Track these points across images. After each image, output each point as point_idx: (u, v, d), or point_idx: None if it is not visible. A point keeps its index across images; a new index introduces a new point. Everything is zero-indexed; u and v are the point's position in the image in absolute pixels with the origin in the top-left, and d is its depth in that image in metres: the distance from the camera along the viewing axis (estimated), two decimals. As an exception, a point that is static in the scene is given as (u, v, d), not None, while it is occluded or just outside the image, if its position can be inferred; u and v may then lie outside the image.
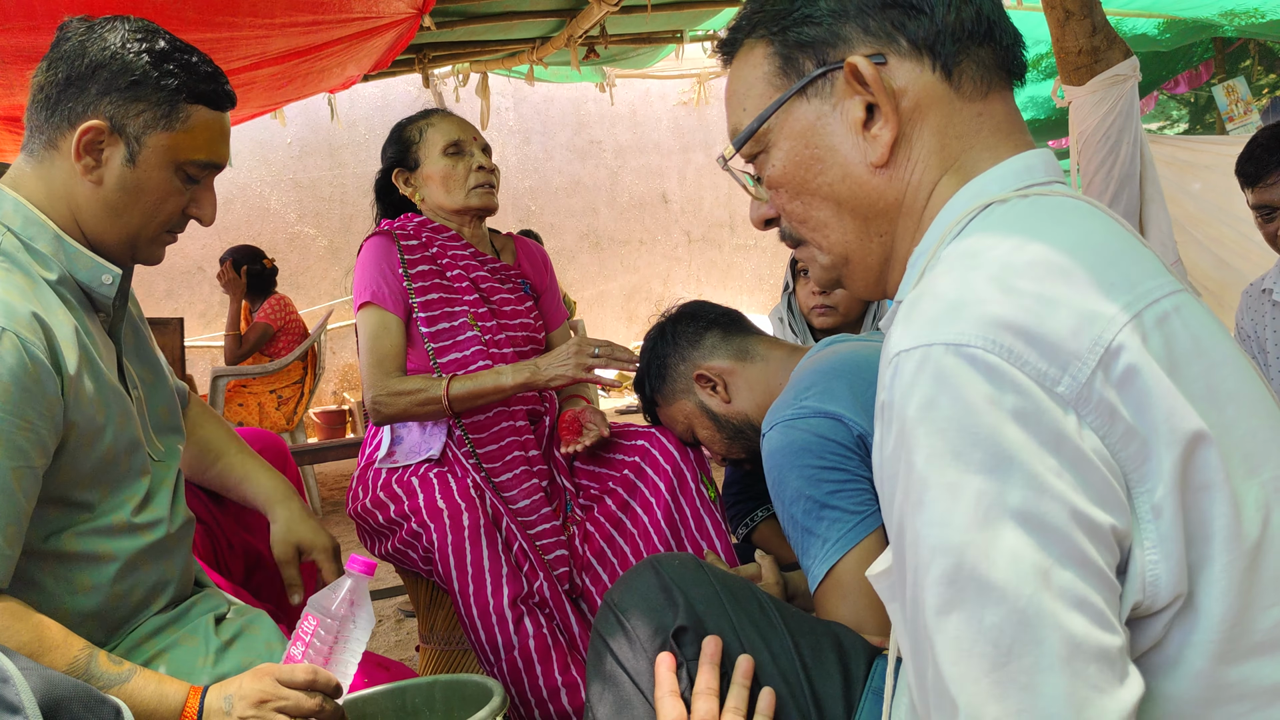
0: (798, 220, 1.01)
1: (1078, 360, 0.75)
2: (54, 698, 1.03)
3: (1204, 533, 0.77)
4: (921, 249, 0.94)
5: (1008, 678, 0.72)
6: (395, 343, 2.23)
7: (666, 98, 9.11)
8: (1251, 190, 2.68)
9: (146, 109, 1.42)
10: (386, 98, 8.22)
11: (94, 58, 1.40)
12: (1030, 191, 0.89)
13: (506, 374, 2.15)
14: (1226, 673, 0.77)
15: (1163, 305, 0.80)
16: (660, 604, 1.23)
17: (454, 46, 5.04)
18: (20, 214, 1.40)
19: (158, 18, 2.65)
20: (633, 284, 9.12)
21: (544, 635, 1.96)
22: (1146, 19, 5.62)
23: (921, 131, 0.93)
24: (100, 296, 1.46)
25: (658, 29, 5.20)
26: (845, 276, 1.03)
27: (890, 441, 0.79)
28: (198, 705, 1.30)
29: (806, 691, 1.21)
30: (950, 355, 0.75)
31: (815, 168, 0.96)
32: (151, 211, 1.46)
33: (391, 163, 2.40)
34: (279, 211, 8.04)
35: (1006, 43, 0.96)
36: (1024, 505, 0.72)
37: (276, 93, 4.19)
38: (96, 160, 1.41)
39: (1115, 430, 0.75)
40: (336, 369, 8.13)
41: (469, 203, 2.32)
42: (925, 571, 0.75)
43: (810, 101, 0.95)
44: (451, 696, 1.48)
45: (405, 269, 2.26)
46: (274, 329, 5.36)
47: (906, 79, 0.92)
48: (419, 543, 2.00)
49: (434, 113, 2.42)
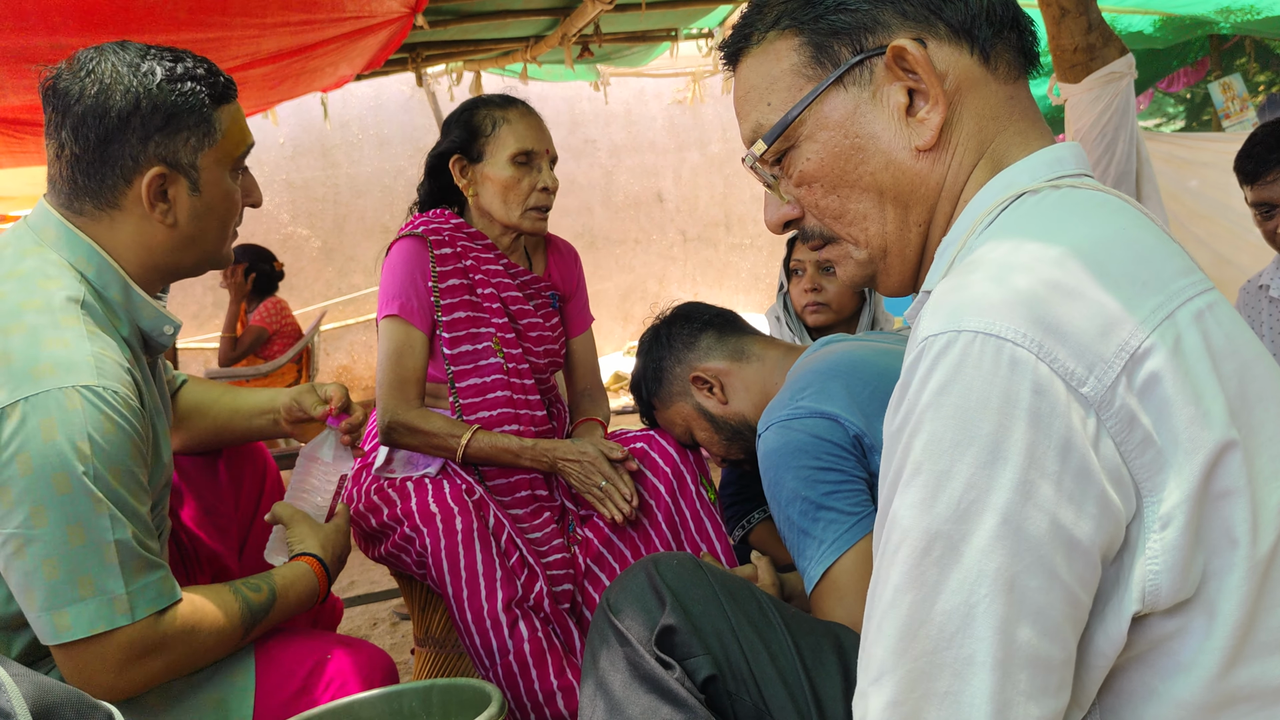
0: (832, 216, 0.99)
1: (1103, 364, 0.74)
2: (46, 704, 1.01)
3: (1226, 540, 0.76)
4: (951, 238, 0.93)
5: (941, 663, 0.74)
6: (419, 364, 2.15)
7: (661, 96, 9.09)
8: (1250, 188, 2.67)
9: (190, 135, 1.43)
10: (380, 97, 8.20)
11: (119, 108, 1.38)
12: (1062, 183, 0.89)
13: (527, 455, 2.10)
14: (1236, 674, 0.77)
15: (1196, 303, 0.80)
16: (652, 604, 1.23)
17: (447, 45, 5.02)
18: (95, 261, 1.43)
19: (150, 18, 2.64)
20: (628, 284, 9.11)
21: (539, 639, 1.95)
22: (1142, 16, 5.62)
23: (962, 114, 0.93)
24: (158, 345, 1.52)
25: (652, 27, 5.18)
26: (881, 271, 1.01)
27: (897, 420, 0.80)
28: (324, 570, 1.61)
29: (807, 691, 1.20)
30: (978, 343, 0.75)
31: (857, 157, 0.95)
32: (224, 220, 1.52)
33: (453, 146, 2.23)
34: (272, 212, 8.02)
35: (1026, 30, 0.97)
36: (1008, 507, 0.73)
37: (269, 92, 4.17)
38: (166, 203, 1.43)
39: (1133, 438, 0.74)
40: (330, 370, 8.11)
41: (521, 224, 2.20)
42: (896, 550, 0.76)
43: (847, 90, 0.94)
44: (448, 701, 1.47)
45: (435, 281, 2.17)
46: (269, 333, 5.35)
47: (947, 62, 0.92)
48: (413, 546, 1.99)
49: (514, 106, 2.24)
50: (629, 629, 1.22)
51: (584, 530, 2.17)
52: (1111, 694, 0.81)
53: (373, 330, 7.98)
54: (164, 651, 1.34)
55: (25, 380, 1.28)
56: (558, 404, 2.39)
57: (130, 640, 1.31)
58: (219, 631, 1.41)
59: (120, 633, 1.30)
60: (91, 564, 1.27)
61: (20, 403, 1.27)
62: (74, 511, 1.26)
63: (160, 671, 1.35)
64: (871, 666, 0.77)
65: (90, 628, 1.28)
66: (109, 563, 1.28)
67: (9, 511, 1.26)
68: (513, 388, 2.21)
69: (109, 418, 1.30)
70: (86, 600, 1.27)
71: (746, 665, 1.23)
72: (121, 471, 1.31)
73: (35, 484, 1.25)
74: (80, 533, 1.27)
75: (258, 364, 5.30)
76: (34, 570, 1.27)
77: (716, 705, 1.21)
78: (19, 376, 1.28)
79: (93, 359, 1.32)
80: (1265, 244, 2.82)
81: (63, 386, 1.28)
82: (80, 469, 1.27)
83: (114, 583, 1.29)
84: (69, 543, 1.26)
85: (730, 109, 7.37)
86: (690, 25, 5.34)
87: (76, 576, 1.27)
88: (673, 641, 1.21)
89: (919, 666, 0.74)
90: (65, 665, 1.31)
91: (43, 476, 1.25)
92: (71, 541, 1.26)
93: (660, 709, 1.16)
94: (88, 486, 1.27)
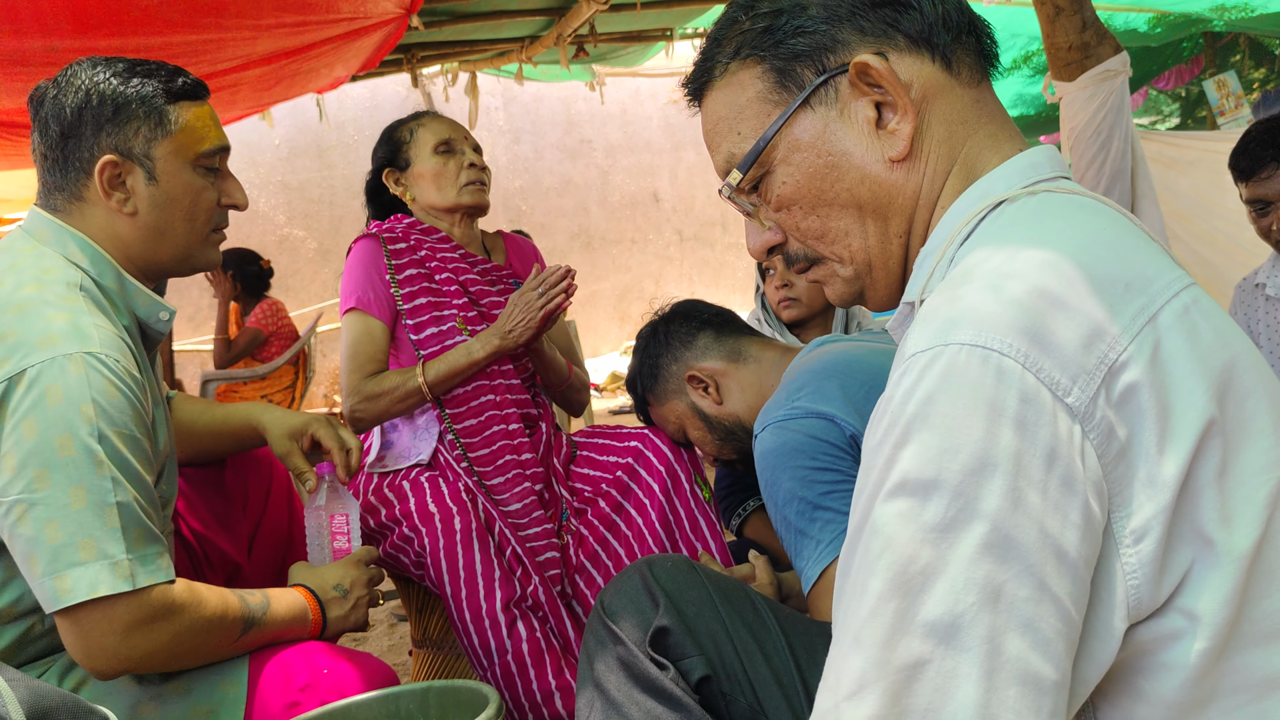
0: (814, 236, 0.99)
1: (1086, 375, 0.74)
2: (41, 708, 1.01)
3: (1203, 541, 0.76)
4: (929, 248, 0.93)
5: (925, 676, 0.71)
6: (378, 348, 2.21)
7: (657, 96, 9.09)
8: (1245, 185, 2.67)
9: (140, 125, 1.48)
10: (375, 98, 8.20)
11: (74, 105, 1.46)
12: (1038, 188, 0.89)
13: (475, 346, 2.16)
14: (1222, 667, 0.76)
15: (1181, 299, 0.80)
16: (647, 606, 1.23)
17: (442, 46, 5.02)
18: (87, 252, 1.48)
19: (144, 20, 2.64)
20: (625, 284, 9.10)
21: (537, 639, 1.95)
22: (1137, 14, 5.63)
23: (931, 121, 0.93)
24: (155, 333, 1.54)
25: (647, 27, 5.19)
26: (868, 286, 1.01)
27: (879, 432, 0.78)
28: (316, 601, 1.57)
29: (800, 692, 1.20)
30: (964, 354, 0.74)
31: (831, 175, 0.95)
32: (190, 214, 1.54)
33: (382, 163, 2.39)
34: (268, 214, 8.01)
35: (984, 32, 0.98)
36: (996, 515, 0.72)
37: (264, 94, 4.17)
38: (124, 192, 1.48)
39: (1110, 450, 0.74)
40: (327, 372, 8.10)
41: (460, 200, 2.30)
42: (878, 558, 0.74)
43: (815, 110, 0.95)
44: (446, 703, 1.47)
45: (392, 274, 2.24)
46: (265, 334, 5.34)
47: (910, 72, 0.93)
48: (410, 547, 1.99)
49: (424, 114, 2.41)
50: (623, 630, 1.22)
51: (577, 523, 2.17)
52: (1097, 693, 0.80)
53: (369, 331, 7.97)
54: (167, 621, 1.35)
55: (31, 349, 1.31)
56: (541, 396, 2.40)
57: (131, 609, 1.31)
58: (221, 616, 1.42)
59: (121, 600, 1.30)
60: (94, 527, 1.29)
61: (27, 370, 1.30)
62: (76, 474, 1.29)
63: (164, 643, 1.35)
64: (846, 680, 0.74)
65: (91, 590, 1.28)
66: (111, 526, 1.30)
67: (13, 478, 1.29)
68: (496, 390, 2.23)
69: (112, 383, 1.33)
70: (88, 564, 1.28)
71: (741, 666, 1.23)
72: (124, 436, 1.34)
73: (39, 448, 1.28)
74: (82, 494, 1.29)
75: (254, 366, 5.29)
76: (37, 535, 1.28)
77: (711, 706, 1.21)
78: (25, 346, 1.32)
79: (94, 329, 1.36)
80: (1256, 244, 2.82)
81: (68, 353, 1.31)
82: (84, 431, 1.29)
83: (115, 547, 1.30)
84: (71, 505, 1.28)
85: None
86: (685, 25, 5.35)
87: (78, 540, 1.28)
88: (667, 643, 1.21)
89: (900, 679, 0.72)
90: (68, 633, 1.32)
91: (47, 440, 1.28)
92: (74, 504, 1.28)
93: (657, 709, 1.16)
94: (91, 448, 1.29)
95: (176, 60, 1.59)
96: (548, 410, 2.38)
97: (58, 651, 1.44)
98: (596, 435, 2.31)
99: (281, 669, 1.49)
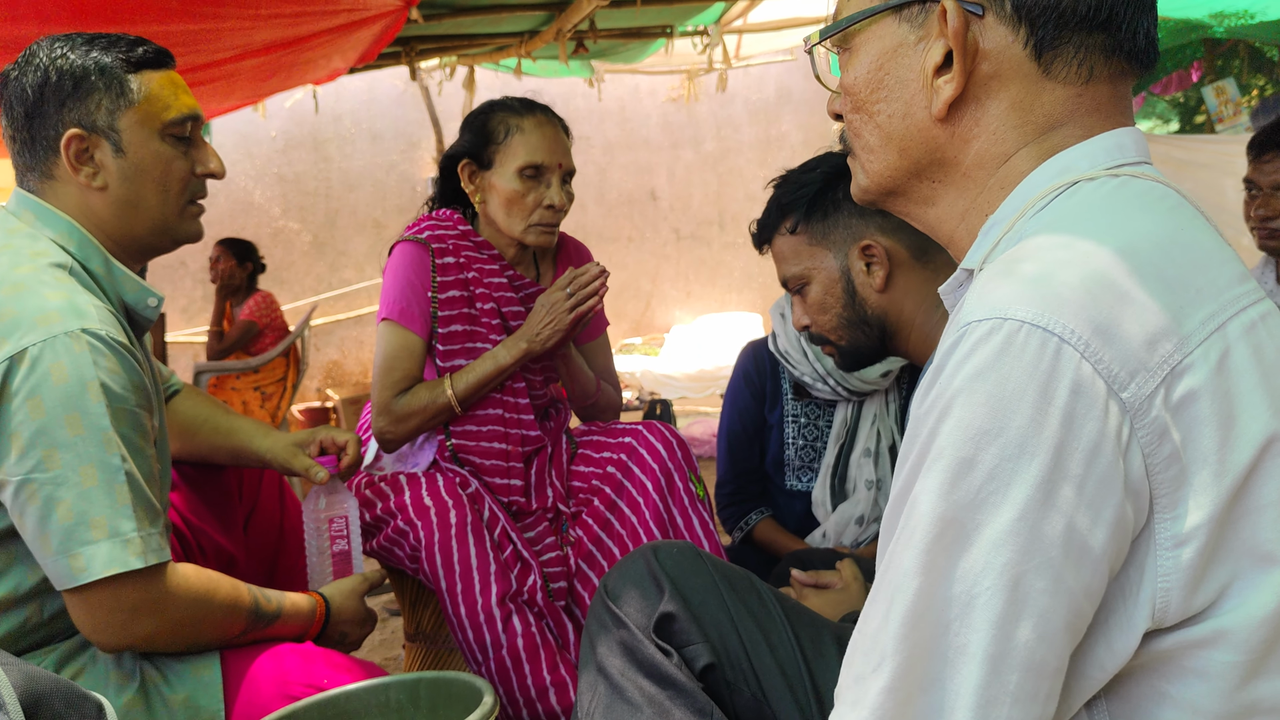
0: (852, 132, 0.99)
1: (1145, 372, 0.73)
2: (35, 694, 1.01)
3: (1251, 556, 0.75)
4: (998, 218, 0.90)
5: (936, 651, 0.73)
6: (415, 363, 2.10)
7: (655, 94, 9.07)
8: (1251, 163, 2.77)
9: (102, 97, 1.46)
10: (373, 91, 8.17)
11: (35, 82, 1.45)
12: (1121, 171, 0.85)
13: (502, 353, 2.08)
14: (1257, 685, 0.76)
15: (1250, 314, 0.79)
16: (651, 591, 1.23)
17: (441, 40, 5.01)
18: (74, 236, 1.46)
19: (141, 8, 2.62)
20: (620, 282, 9.08)
21: (532, 634, 1.94)
22: (1135, 19, 5.63)
23: (997, 101, 0.88)
24: (143, 319, 1.53)
25: (647, 24, 5.17)
26: (878, 203, 1.02)
27: (927, 401, 0.78)
28: (324, 606, 1.63)
29: (807, 683, 1.20)
30: (1023, 333, 0.73)
31: (879, 94, 0.93)
32: (163, 185, 1.51)
33: (463, 150, 2.17)
34: (263, 206, 7.99)
35: (1128, 31, 0.88)
36: (1026, 504, 0.71)
37: (261, 85, 4.15)
38: (93, 166, 1.46)
39: (1161, 452, 0.73)
40: (320, 365, 8.08)
41: (524, 238, 2.15)
42: (913, 533, 0.75)
43: (900, 24, 0.91)
44: (437, 695, 1.46)
45: (435, 291, 2.12)
46: (259, 326, 5.33)
47: (994, 43, 0.87)
48: (405, 540, 1.98)
49: (532, 114, 2.16)
50: (627, 615, 1.22)
51: (575, 530, 2.16)
52: (1119, 699, 0.80)
53: (364, 325, 7.96)
54: (171, 605, 1.36)
55: (31, 328, 1.31)
56: (556, 405, 2.36)
57: (141, 586, 1.32)
58: (229, 603, 1.44)
59: (132, 578, 1.31)
60: (104, 505, 1.29)
61: (29, 349, 1.29)
62: (86, 452, 1.29)
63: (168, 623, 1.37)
64: (875, 651, 0.76)
65: (105, 568, 1.29)
66: (121, 504, 1.30)
67: (21, 457, 1.28)
68: (505, 405, 2.17)
69: (113, 359, 1.34)
70: (100, 542, 1.29)
71: (745, 655, 1.22)
72: (128, 413, 1.34)
73: (48, 427, 1.28)
74: (93, 473, 1.29)
75: (247, 359, 5.28)
76: (48, 514, 1.28)
77: (715, 695, 1.21)
78: (25, 325, 1.31)
79: (91, 307, 1.36)
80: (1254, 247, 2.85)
81: (69, 331, 1.31)
82: (94, 409, 1.30)
83: (126, 524, 1.30)
84: (82, 484, 1.28)
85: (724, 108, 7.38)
86: (685, 22, 5.33)
87: (89, 518, 1.28)
88: (671, 629, 1.21)
89: (917, 653, 0.74)
90: (79, 612, 1.32)
91: (55, 419, 1.28)
92: (84, 482, 1.28)
93: (660, 695, 1.15)
94: (101, 426, 1.30)
95: (173, 50, 1.57)
96: (560, 425, 2.32)
97: (54, 641, 1.43)
98: (592, 432, 2.30)
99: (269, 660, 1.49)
